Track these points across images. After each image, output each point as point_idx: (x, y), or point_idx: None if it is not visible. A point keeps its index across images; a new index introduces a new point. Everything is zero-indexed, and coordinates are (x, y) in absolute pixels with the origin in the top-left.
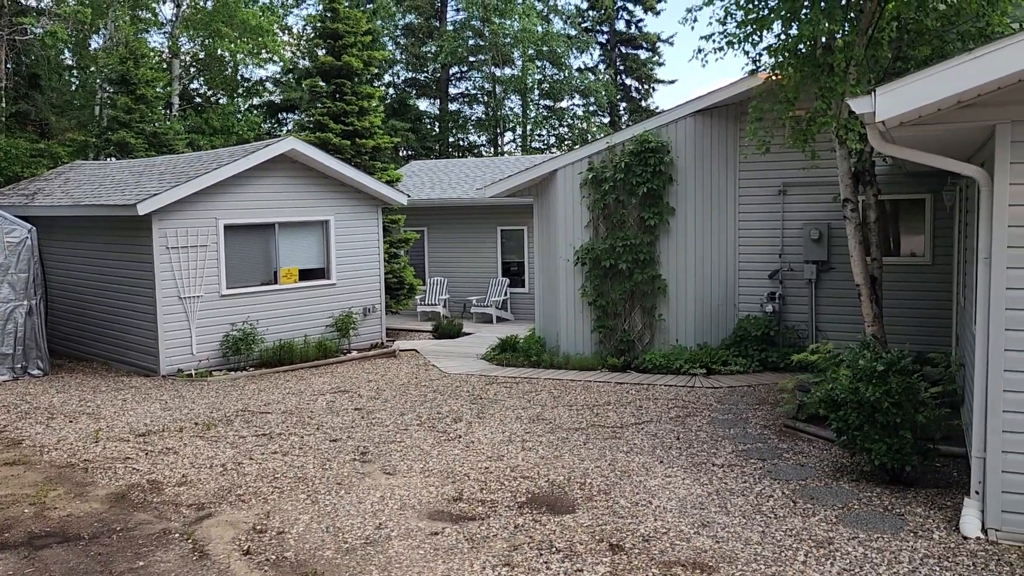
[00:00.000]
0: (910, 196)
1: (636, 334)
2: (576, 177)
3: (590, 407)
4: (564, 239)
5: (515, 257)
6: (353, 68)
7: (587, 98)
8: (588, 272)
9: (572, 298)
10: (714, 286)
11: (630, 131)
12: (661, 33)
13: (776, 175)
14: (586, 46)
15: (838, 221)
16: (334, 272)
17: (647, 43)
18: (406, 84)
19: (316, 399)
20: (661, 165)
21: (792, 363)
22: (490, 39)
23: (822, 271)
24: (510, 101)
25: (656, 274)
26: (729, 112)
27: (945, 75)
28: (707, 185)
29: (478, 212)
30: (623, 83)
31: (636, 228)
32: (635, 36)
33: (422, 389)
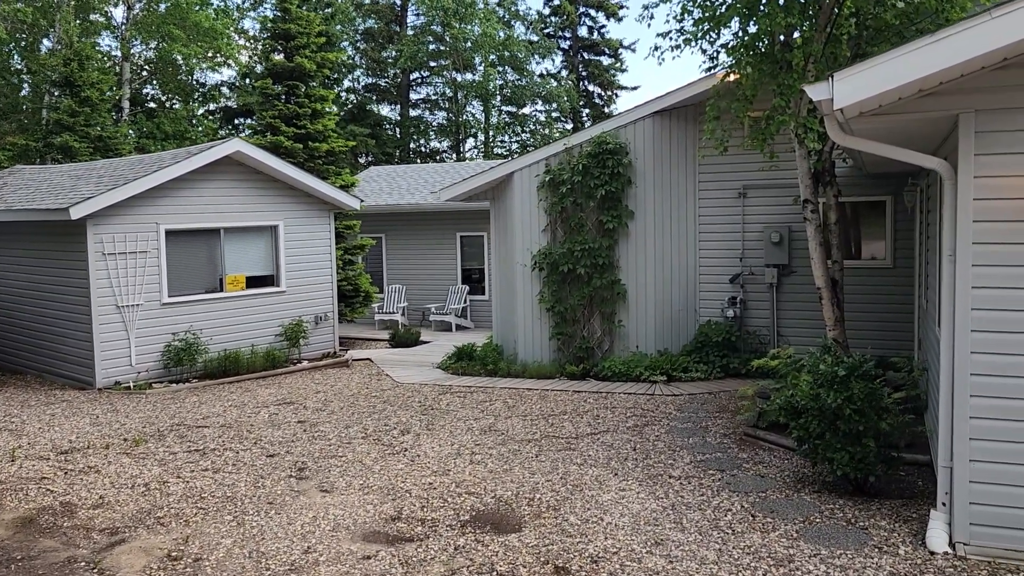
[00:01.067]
0: (871, 198)
1: (595, 341)
2: (533, 180)
3: (545, 417)
4: (521, 244)
5: (475, 264)
6: (306, 70)
7: (549, 104)
8: (546, 277)
9: (530, 304)
10: (675, 291)
11: (588, 132)
12: (624, 39)
13: (736, 177)
14: (548, 52)
15: (799, 224)
16: (284, 279)
17: (610, 49)
18: (366, 89)
19: (259, 411)
20: (620, 167)
21: (753, 369)
22: (451, 44)
23: (783, 275)
24: (472, 107)
25: (615, 279)
26: (688, 113)
27: (907, 59)
28: (667, 187)
29: (437, 218)
30: (586, 89)
31: (595, 232)
32: (598, 42)
33: (372, 400)
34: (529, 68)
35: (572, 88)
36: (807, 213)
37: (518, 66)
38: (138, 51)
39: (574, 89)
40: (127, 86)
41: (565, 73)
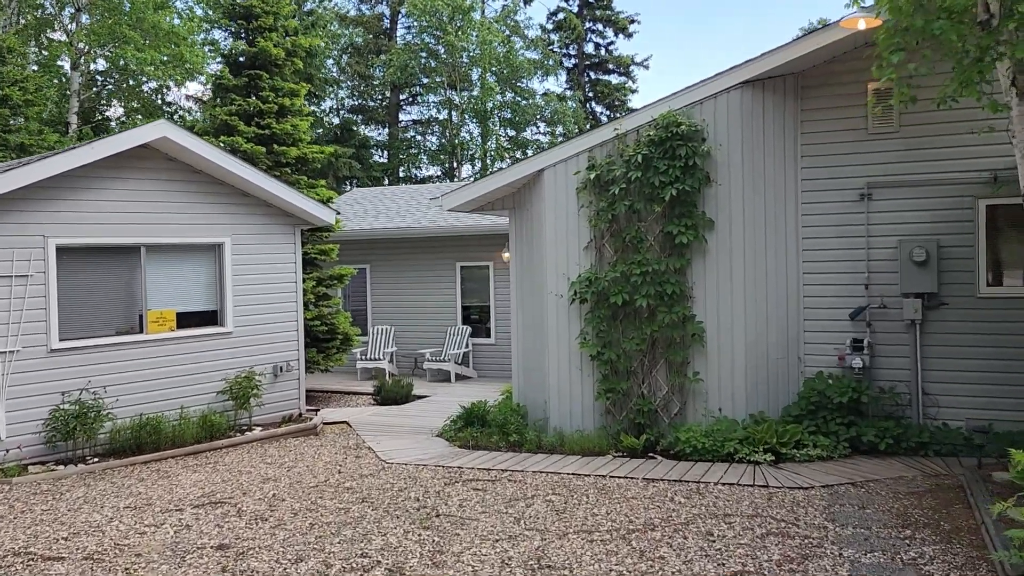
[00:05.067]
0: None
1: (660, 401)
2: (571, 179)
3: (624, 536)
4: (555, 266)
5: (478, 300)
6: (272, 57)
7: (553, 126)
8: (590, 313)
9: (566, 349)
10: (772, 331)
11: (647, 111)
12: (635, 56)
13: (857, 172)
14: (552, 70)
15: (952, 236)
16: (230, 316)
17: (620, 67)
18: (352, 110)
19: (163, 523)
20: (695, 157)
21: (902, 446)
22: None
23: (929, 308)
24: (468, 128)
25: (689, 314)
26: (787, 84)
27: None
28: (759, 186)
29: (433, 245)
30: (592, 110)
31: (659, 249)
32: (606, 59)
33: (345, 497)
34: (531, 87)
35: (579, 109)
36: None
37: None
38: (82, 46)
39: (580, 110)
40: (75, 98)
41: (570, 93)
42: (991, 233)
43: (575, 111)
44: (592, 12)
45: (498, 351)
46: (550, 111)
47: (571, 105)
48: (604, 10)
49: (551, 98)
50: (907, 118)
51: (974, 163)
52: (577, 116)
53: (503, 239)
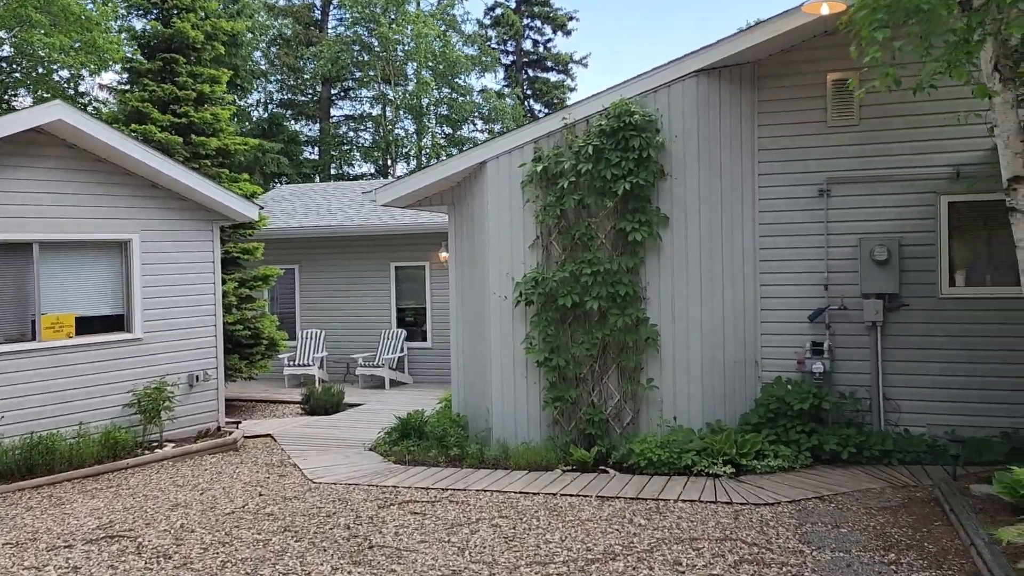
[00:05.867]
0: None
1: (612, 410)
2: (516, 172)
3: (582, 567)
4: (498, 266)
5: (414, 302)
6: (189, 40)
7: (491, 124)
8: (536, 315)
9: (511, 355)
10: (728, 334)
11: (598, 100)
12: (574, 54)
13: (816, 167)
14: (490, 67)
15: (914, 234)
16: (139, 321)
17: (559, 64)
18: (281, 105)
19: (49, 560)
20: (650, 149)
21: (864, 454)
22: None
23: (891, 309)
24: (402, 125)
25: (642, 317)
26: (744, 74)
27: None
28: (715, 182)
29: (366, 244)
30: (530, 108)
31: (611, 247)
32: (544, 57)
33: (265, 525)
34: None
35: (517, 106)
36: (1017, 200)
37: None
38: None
39: (519, 107)
40: None
41: (508, 90)
42: (953, 231)
43: (514, 108)
44: (530, 8)
45: (435, 355)
46: (488, 108)
47: (509, 102)
48: (542, 7)
49: (489, 95)
50: (867, 111)
51: (936, 158)
52: (516, 114)
53: (441, 238)
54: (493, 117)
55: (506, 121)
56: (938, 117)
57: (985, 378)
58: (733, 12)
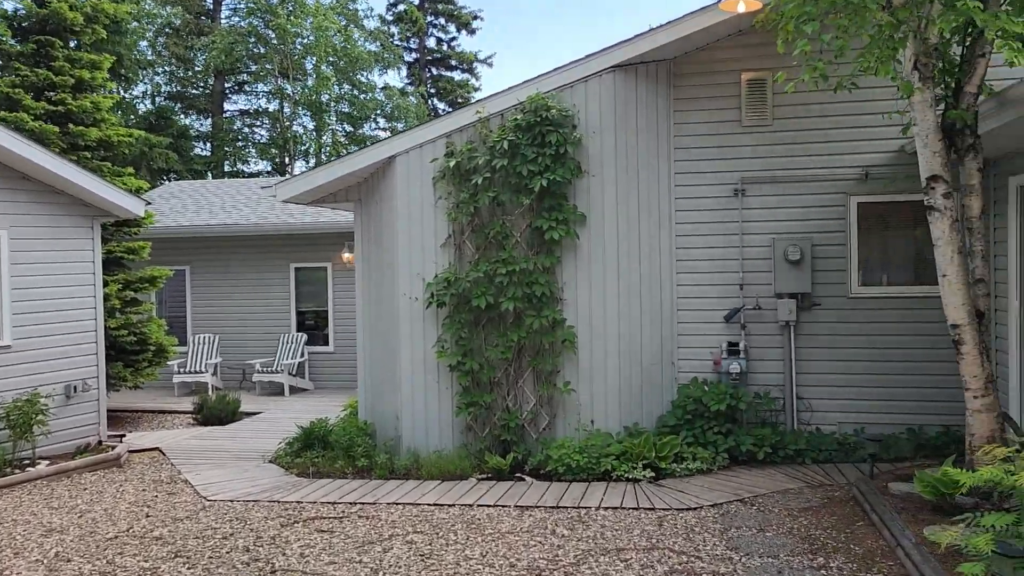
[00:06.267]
0: None
1: (528, 415)
2: (427, 167)
3: None
4: (408, 266)
5: (315, 305)
6: (67, 21)
7: (394, 122)
8: (448, 318)
9: (422, 359)
10: (645, 336)
11: (512, 93)
12: (478, 53)
13: (731, 166)
14: (393, 64)
15: (825, 234)
16: (7, 326)
17: (463, 63)
18: (169, 97)
19: None
20: (567, 145)
21: (780, 454)
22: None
23: (803, 308)
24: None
25: (559, 318)
26: (661, 71)
27: None
28: (632, 180)
29: (264, 243)
30: (434, 107)
31: (527, 246)
32: (448, 55)
33: (153, 551)
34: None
35: (421, 104)
36: (935, 199)
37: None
38: None
39: (423, 105)
40: None
41: (411, 88)
42: (862, 231)
43: (418, 107)
44: (434, 6)
45: (338, 360)
46: (391, 107)
47: (413, 101)
48: (446, 4)
49: (392, 93)
50: (780, 111)
51: (846, 159)
52: (420, 112)
53: (344, 237)
54: (396, 115)
55: (409, 120)
56: (848, 119)
57: (891, 376)
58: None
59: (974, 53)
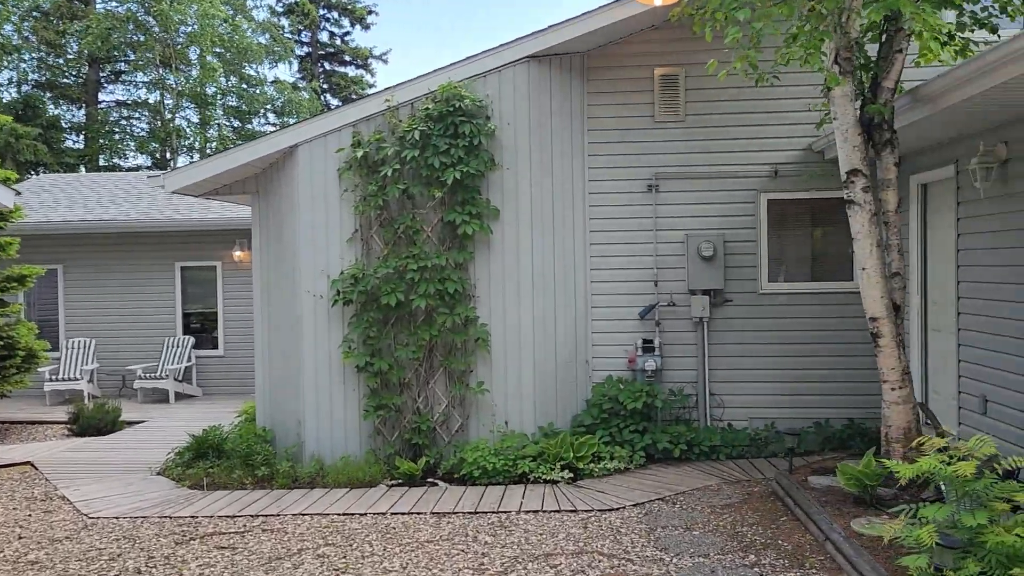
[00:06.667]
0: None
1: (439, 417)
2: (333, 158)
3: None
4: (312, 262)
5: (202, 306)
6: None
7: (285, 117)
8: (356, 316)
9: (327, 360)
10: (560, 333)
11: (423, 82)
12: (373, 49)
13: (644, 162)
14: (284, 57)
15: (737, 230)
16: None
17: (357, 59)
18: (37, 85)
19: None
20: (481, 136)
21: (695, 451)
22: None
23: (716, 305)
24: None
25: (472, 316)
26: (574, 64)
27: None
28: (547, 174)
29: (146, 241)
30: (327, 103)
31: (438, 241)
32: (342, 50)
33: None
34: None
35: (314, 99)
36: (855, 192)
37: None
38: None
39: (316, 100)
40: None
41: (303, 83)
42: (772, 228)
43: (310, 102)
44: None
45: (228, 364)
46: (282, 101)
47: (305, 96)
48: None
49: (283, 87)
50: (693, 107)
51: (756, 156)
52: (313, 108)
53: (235, 235)
54: (288, 110)
55: (302, 115)
56: (758, 116)
57: (799, 371)
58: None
59: (891, 49)
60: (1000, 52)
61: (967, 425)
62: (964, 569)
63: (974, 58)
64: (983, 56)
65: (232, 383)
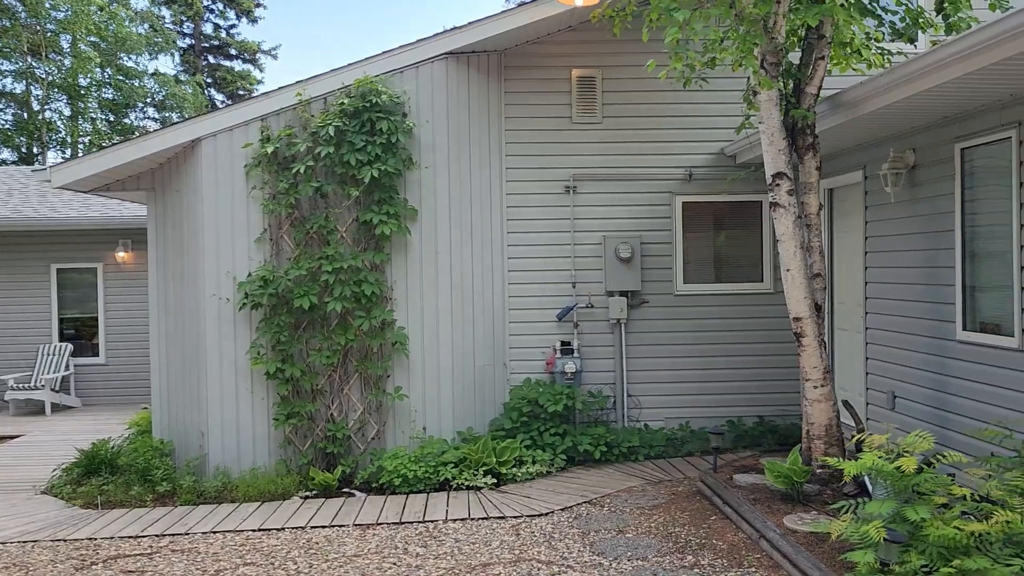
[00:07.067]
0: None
1: (355, 424)
2: (240, 153)
3: None
4: (216, 263)
5: (81, 311)
6: None
7: (167, 112)
8: (265, 320)
9: (233, 367)
10: (478, 336)
11: (337, 76)
12: (262, 43)
13: (562, 163)
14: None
15: (654, 232)
16: None
17: (245, 53)
18: None
19: None
20: (399, 134)
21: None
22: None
23: (633, 306)
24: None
25: (389, 319)
26: (491, 63)
27: None
28: (465, 173)
29: (16, 241)
30: (212, 98)
31: (353, 242)
32: (228, 43)
33: None
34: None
35: (199, 94)
36: (780, 195)
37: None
38: None
39: (201, 96)
40: None
41: (186, 76)
42: (687, 230)
43: (195, 96)
44: None
45: (111, 373)
46: (163, 95)
47: (188, 90)
48: None
49: (165, 80)
50: (610, 109)
51: (671, 159)
52: (197, 103)
53: (118, 234)
54: (170, 105)
55: (185, 110)
56: (674, 120)
57: (712, 371)
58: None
59: (813, 56)
60: (920, 63)
61: (875, 420)
62: (908, 563)
63: (899, 66)
64: (907, 64)
65: (115, 393)
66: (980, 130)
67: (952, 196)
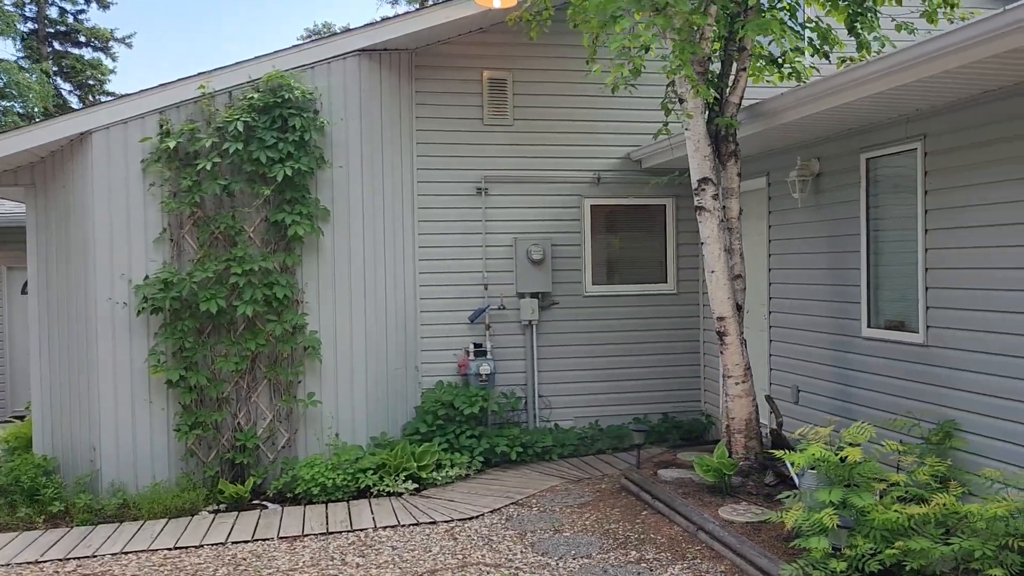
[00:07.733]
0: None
1: (264, 432)
2: (136, 148)
3: None
4: (110, 266)
5: None
6: None
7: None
8: (167, 326)
9: (129, 375)
10: (391, 339)
11: (244, 69)
12: (115, 30)
13: (473, 164)
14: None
15: (564, 234)
16: None
17: (96, 40)
18: None
19: None
20: (311, 131)
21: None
22: None
23: (544, 307)
24: None
25: (301, 323)
26: (403, 61)
27: None
28: (377, 174)
29: None
30: (57, 88)
31: (262, 243)
32: (76, 29)
33: None
34: None
35: (45, 83)
36: (705, 199)
37: None
38: None
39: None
40: None
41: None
42: (595, 232)
43: (41, 85)
44: None
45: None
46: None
47: (33, 78)
48: None
49: (7, 67)
50: (521, 112)
51: (580, 162)
52: (44, 92)
53: None
54: (12, 94)
55: (31, 99)
56: (583, 124)
57: (619, 370)
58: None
59: (735, 67)
60: (843, 78)
61: (782, 414)
62: (857, 547)
63: (820, 80)
64: (829, 79)
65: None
66: (886, 141)
67: (858, 202)
